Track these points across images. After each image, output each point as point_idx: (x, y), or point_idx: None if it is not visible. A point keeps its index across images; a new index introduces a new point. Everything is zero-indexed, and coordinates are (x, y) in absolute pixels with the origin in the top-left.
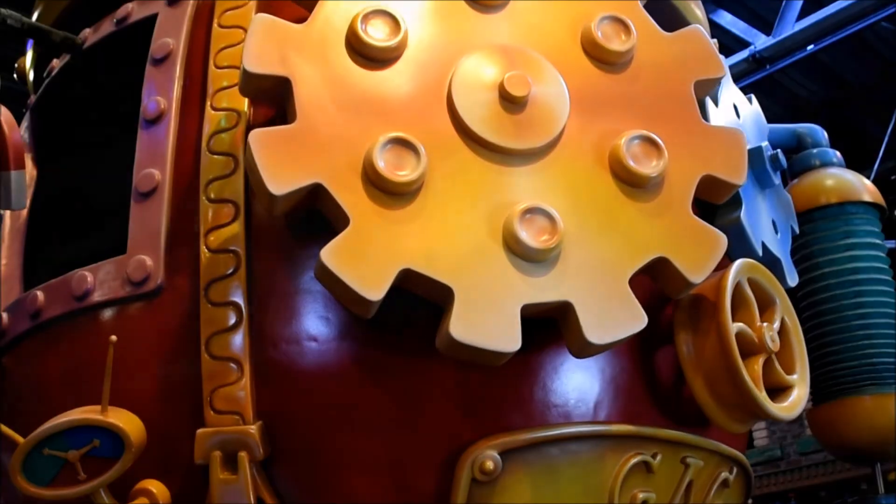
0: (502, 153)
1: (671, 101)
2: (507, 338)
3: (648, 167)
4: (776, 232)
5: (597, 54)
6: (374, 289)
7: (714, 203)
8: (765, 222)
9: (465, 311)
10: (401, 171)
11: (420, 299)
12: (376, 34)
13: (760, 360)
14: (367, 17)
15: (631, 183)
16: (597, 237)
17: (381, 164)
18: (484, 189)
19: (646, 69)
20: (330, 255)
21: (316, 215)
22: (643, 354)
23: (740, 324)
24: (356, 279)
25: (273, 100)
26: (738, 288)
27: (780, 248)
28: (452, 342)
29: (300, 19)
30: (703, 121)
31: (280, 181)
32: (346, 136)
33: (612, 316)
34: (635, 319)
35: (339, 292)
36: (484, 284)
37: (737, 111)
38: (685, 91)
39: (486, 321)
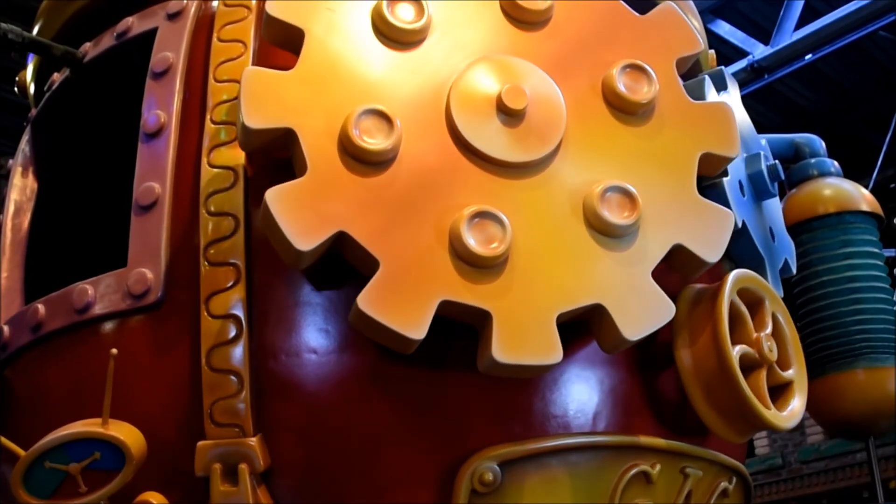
0: (533, 166)
1: (613, 19)
2: (665, 308)
3: (641, 94)
4: (773, 239)
5: (516, 14)
6: (554, 352)
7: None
8: (763, 233)
9: (623, 314)
10: (492, 244)
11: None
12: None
13: (763, 375)
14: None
15: (627, 111)
16: (652, 178)
17: (472, 241)
18: (543, 204)
19: (567, 23)
20: (502, 352)
21: None
22: (642, 365)
23: (742, 346)
24: (536, 355)
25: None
26: (757, 305)
27: (783, 252)
28: (624, 341)
29: None
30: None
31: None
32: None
33: (709, 233)
34: (726, 218)
35: (520, 373)
36: (620, 284)
37: None
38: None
39: (643, 307)
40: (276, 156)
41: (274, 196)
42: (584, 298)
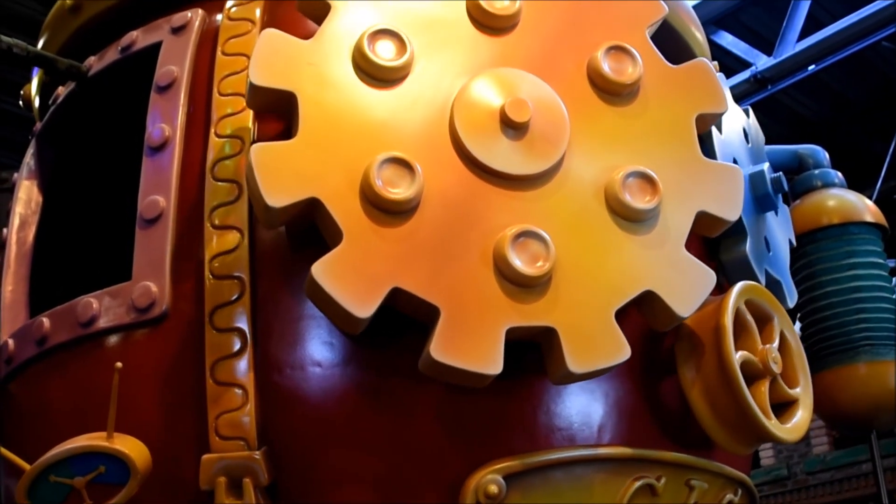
0: (549, 172)
1: (578, 3)
2: (708, 277)
3: (627, 74)
4: (768, 250)
5: (487, 22)
6: (623, 349)
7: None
8: (763, 246)
9: (671, 293)
10: (538, 262)
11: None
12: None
13: (766, 385)
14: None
15: (616, 93)
16: (658, 152)
17: (519, 263)
18: (568, 206)
19: (536, 18)
20: (577, 363)
21: (318, 238)
22: (646, 378)
23: (744, 352)
24: (609, 357)
25: (279, 113)
26: (737, 312)
27: (776, 269)
28: (678, 318)
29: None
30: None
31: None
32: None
33: (725, 193)
34: (736, 174)
35: (593, 376)
36: (660, 264)
37: (746, 136)
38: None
39: (687, 282)
40: (302, 229)
41: (321, 271)
42: (634, 288)
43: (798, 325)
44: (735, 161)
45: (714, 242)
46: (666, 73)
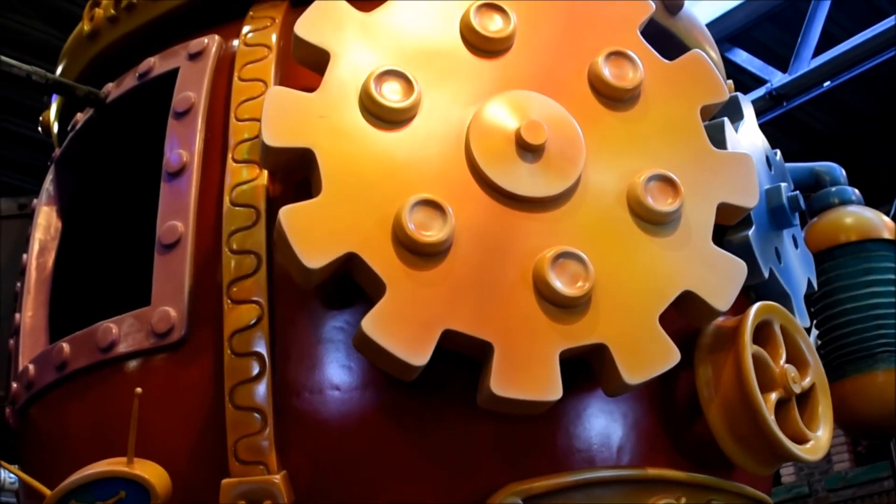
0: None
1: (568, 14)
2: (739, 268)
3: (628, 79)
4: (779, 261)
5: (483, 46)
6: (672, 353)
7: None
8: (773, 251)
9: (708, 290)
10: (578, 283)
11: (437, 349)
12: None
13: (794, 408)
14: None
15: (619, 98)
16: (669, 152)
17: (559, 285)
18: (593, 218)
19: (530, 35)
20: (631, 374)
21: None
22: (665, 399)
23: (773, 394)
24: (660, 363)
25: (296, 170)
26: (766, 328)
27: (787, 283)
28: (717, 312)
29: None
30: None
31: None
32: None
33: (740, 182)
34: (748, 162)
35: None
36: (693, 262)
37: (770, 163)
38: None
39: (721, 276)
40: (337, 275)
41: (371, 325)
42: (672, 291)
43: (816, 341)
44: None
45: (720, 230)
46: (663, 70)
